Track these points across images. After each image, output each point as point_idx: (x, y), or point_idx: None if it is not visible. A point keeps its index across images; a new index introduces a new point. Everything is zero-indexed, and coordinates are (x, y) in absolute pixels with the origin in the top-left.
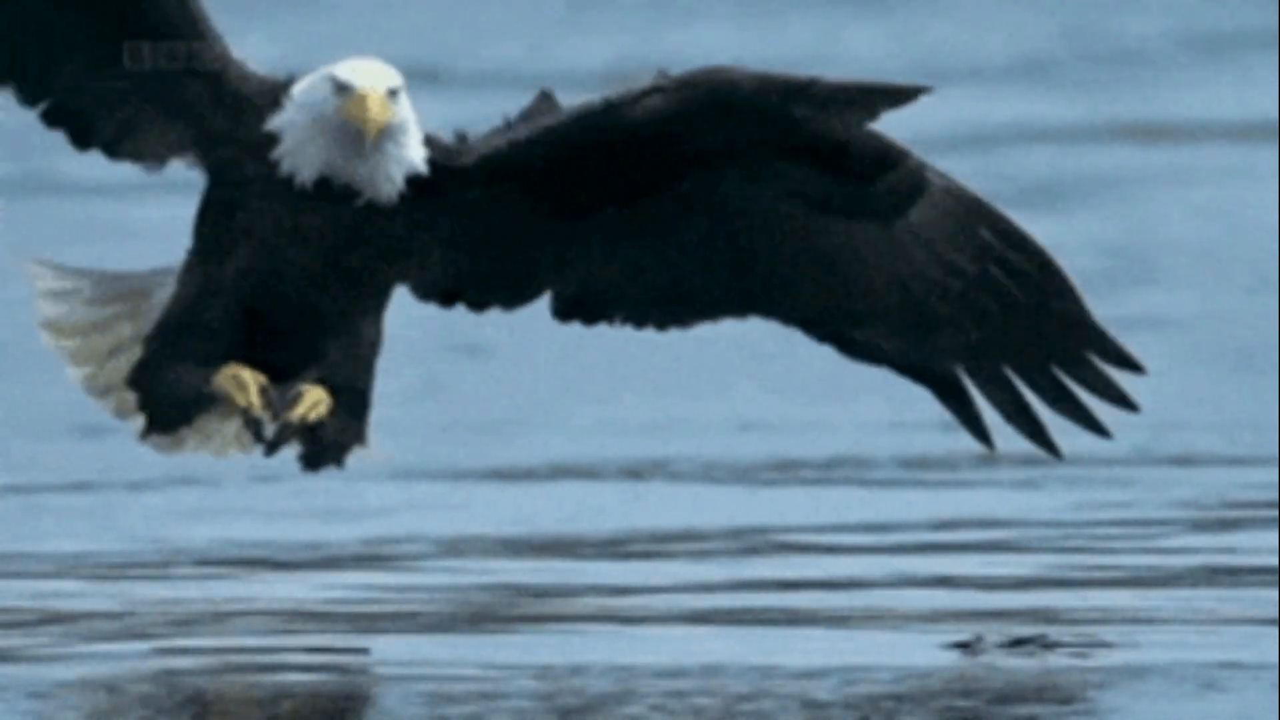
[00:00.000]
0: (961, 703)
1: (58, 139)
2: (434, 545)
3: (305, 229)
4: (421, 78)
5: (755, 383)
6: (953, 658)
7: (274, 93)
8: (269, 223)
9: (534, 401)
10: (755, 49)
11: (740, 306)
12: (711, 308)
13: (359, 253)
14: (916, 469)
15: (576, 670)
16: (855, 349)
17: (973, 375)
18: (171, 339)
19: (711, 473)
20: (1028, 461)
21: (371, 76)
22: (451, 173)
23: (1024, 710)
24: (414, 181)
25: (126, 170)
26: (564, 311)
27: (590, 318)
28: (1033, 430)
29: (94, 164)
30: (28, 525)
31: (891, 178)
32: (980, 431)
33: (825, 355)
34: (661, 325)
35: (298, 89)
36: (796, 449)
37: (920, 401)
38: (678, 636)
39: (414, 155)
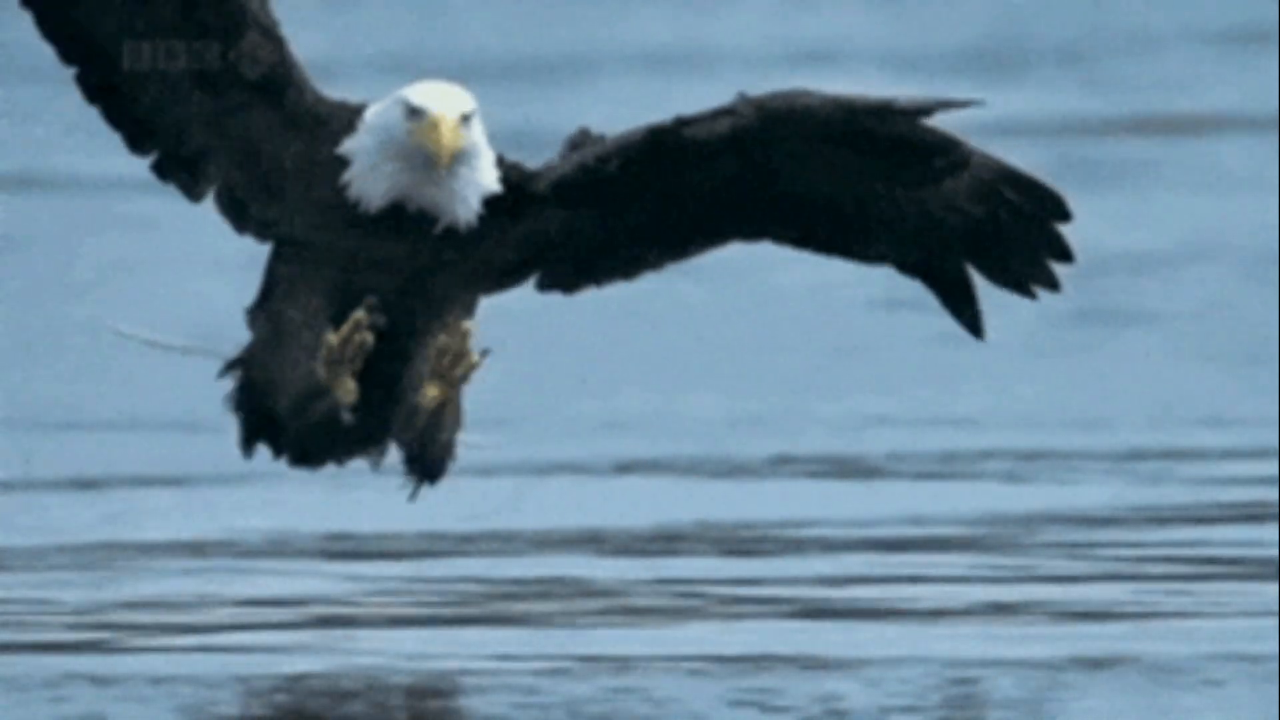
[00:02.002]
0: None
1: (51, 137)
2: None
3: (384, 255)
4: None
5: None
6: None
7: (350, 117)
8: (347, 250)
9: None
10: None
11: (751, 233)
12: (718, 236)
13: (440, 277)
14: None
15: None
16: (855, 259)
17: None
18: (261, 375)
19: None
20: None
21: (444, 101)
22: (526, 196)
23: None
24: (491, 203)
25: (121, 166)
26: (555, 283)
27: (575, 287)
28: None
29: (87, 161)
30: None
31: (939, 161)
32: (974, 322)
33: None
34: (659, 263)
35: (370, 112)
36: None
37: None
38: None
39: (488, 178)
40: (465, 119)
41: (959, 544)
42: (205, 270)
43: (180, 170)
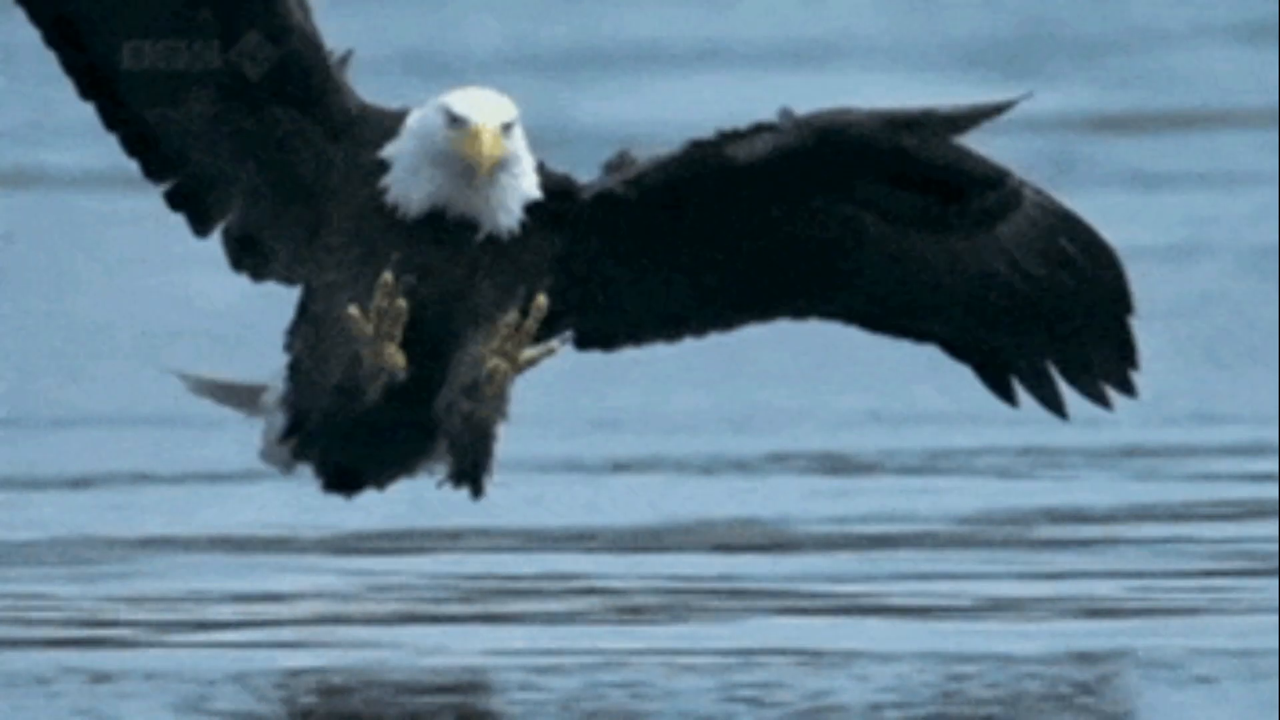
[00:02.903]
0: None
1: (45, 131)
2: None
3: (424, 261)
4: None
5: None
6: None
7: (391, 122)
8: (386, 256)
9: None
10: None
11: (799, 309)
12: (766, 310)
13: (481, 283)
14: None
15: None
16: (909, 337)
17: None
18: (309, 387)
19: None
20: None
21: (486, 110)
22: (567, 206)
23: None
24: (532, 211)
25: (109, 162)
26: (592, 340)
27: (615, 343)
28: (1050, 399)
29: (81, 156)
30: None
31: (990, 196)
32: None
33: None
34: (699, 327)
35: (412, 118)
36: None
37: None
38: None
39: (529, 185)
40: (507, 128)
41: (953, 541)
42: (204, 269)
43: (193, 202)
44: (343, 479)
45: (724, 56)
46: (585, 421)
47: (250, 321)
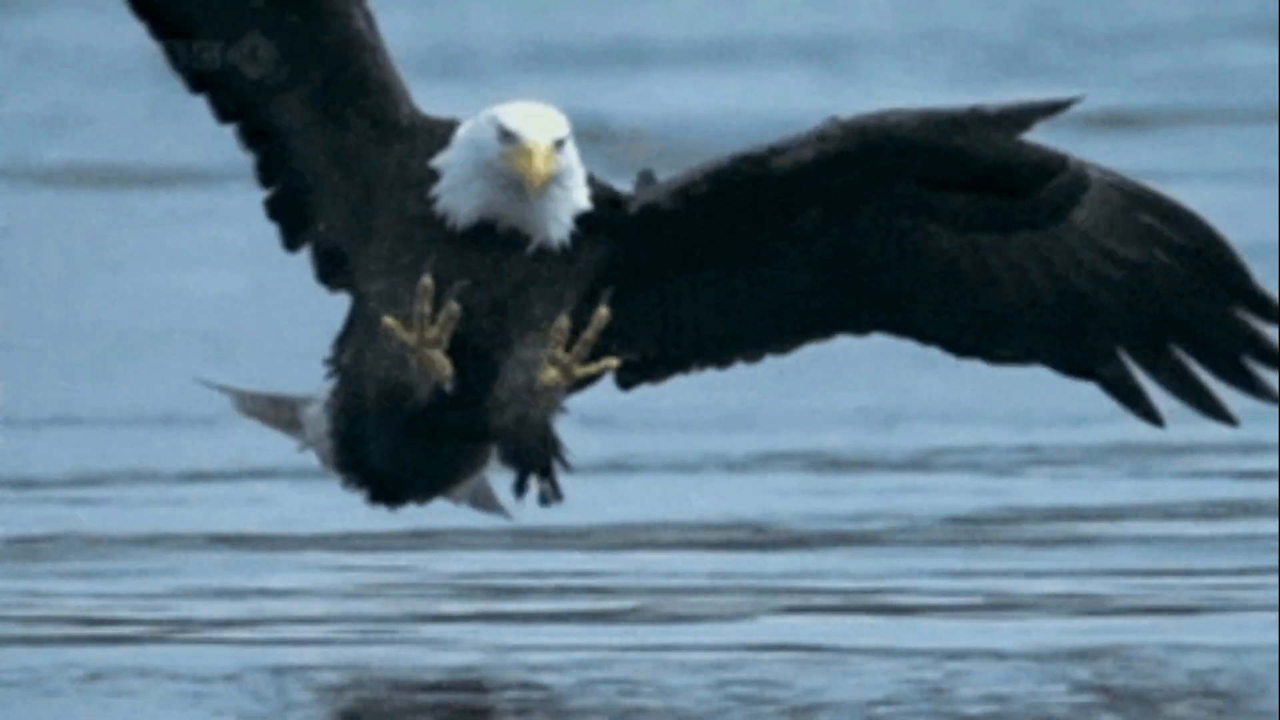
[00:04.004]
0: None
1: (35, 126)
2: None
3: (473, 271)
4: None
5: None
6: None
7: (444, 132)
8: (440, 265)
9: None
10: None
11: (862, 324)
12: (827, 326)
13: (531, 294)
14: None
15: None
16: (1002, 359)
17: (1136, 356)
18: (354, 396)
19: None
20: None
21: (539, 126)
22: (616, 217)
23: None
24: (582, 222)
25: (119, 160)
26: (639, 371)
27: (661, 371)
28: (1203, 403)
29: (72, 150)
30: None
31: (1053, 184)
32: (1150, 413)
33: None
34: (756, 353)
35: (463, 128)
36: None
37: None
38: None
39: (580, 196)
40: (559, 144)
41: (945, 538)
42: (204, 267)
43: (289, 209)
44: (387, 490)
45: (740, 53)
46: (577, 420)
47: (248, 321)
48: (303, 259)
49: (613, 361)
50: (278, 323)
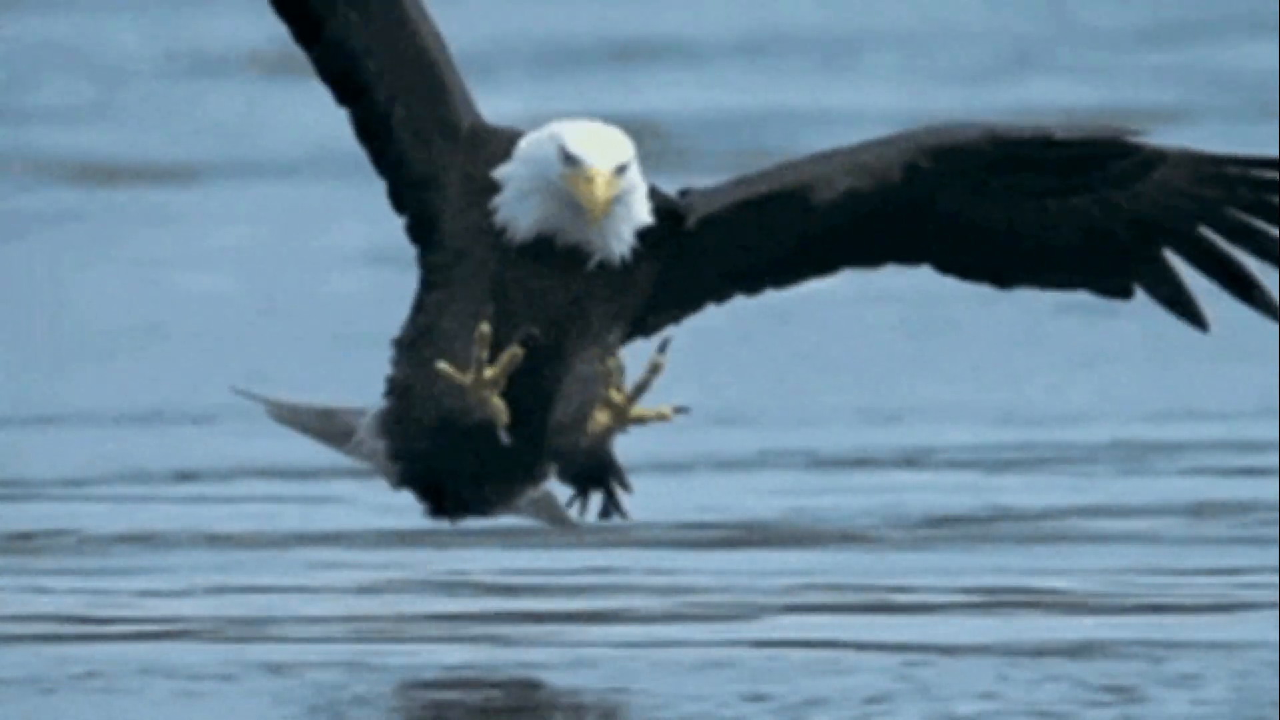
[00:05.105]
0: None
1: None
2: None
3: (532, 283)
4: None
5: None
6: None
7: (506, 143)
8: (495, 276)
9: None
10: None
11: (910, 261)
12: (877, 260)
13: (591, 307)
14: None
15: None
16: (1049, 287)
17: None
18: (411, 408)
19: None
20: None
21: (602, 153)
22: (676, 228)
23: None
24: (642, 235)
25: (117, 158)
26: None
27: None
28: (1250, 291)
29: (69, 149)
30: None
31: (1122, 164)
32: (1196, 315)
33: None
34: (806, 277)
35: (526, 141)
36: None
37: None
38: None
39: (641, 211)
40: (621, 170)
41: (937, 537)
42: (202, 266)
43: (418, 226)
44: (447, 504)
45: (748, 49)
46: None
47: (242, 320)
48: (300, 259)
49: (668, 411)
50: (273, 321)
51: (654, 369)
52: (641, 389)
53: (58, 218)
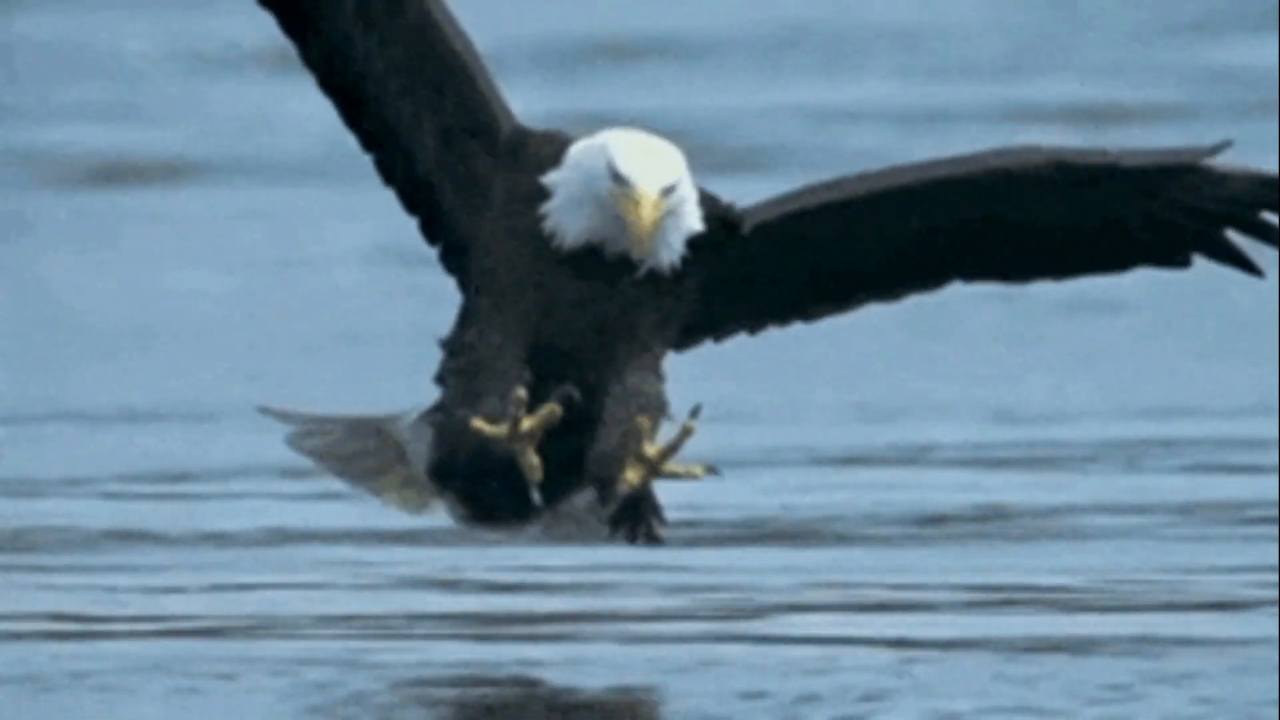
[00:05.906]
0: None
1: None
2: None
3: (580, 290)
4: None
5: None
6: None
7: (555, 150)
8: (543, 282)
9: None
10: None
11: (941, 279)
12: (941, 277)
13: (638, 315)
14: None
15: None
16: (1103, 272)
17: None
18: (454, 419)
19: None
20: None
21: (650, 173)
22: (726, 235)
23: None
24: (692, 243)
25: (115, 157)
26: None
27: (694, 338)
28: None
29: (67, 147)
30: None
31: (1180, 181)
32: (1250, 265)
33: None
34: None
35: (576, 149)
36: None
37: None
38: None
39: (691, 220)
40: (668, 190)
41: (934, 535)
42: (202, 266)
43: (451, 256)
44: (486, 516)
45: (749, 48)
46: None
47: (240, 320)
48: (300, 259)
49: (699, 470)
50: (272, 321)
51: (685, 432)
52: (673, 450)
53: (58, 218)
